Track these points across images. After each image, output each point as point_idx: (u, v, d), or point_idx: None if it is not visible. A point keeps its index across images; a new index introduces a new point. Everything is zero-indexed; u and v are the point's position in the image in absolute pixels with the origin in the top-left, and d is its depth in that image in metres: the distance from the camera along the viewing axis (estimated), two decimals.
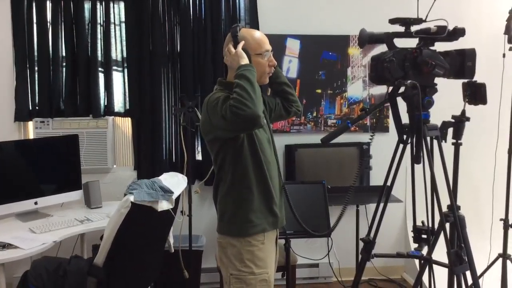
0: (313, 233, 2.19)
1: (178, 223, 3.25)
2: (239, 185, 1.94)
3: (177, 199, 2.71)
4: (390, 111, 2.04)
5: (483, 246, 3.39)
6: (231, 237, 1.97)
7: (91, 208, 3.28)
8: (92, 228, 2.94)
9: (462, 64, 1.97)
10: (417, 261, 3.21)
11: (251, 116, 1.76)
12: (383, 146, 1.86)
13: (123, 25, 3.55)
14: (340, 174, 3.71)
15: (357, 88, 3.84)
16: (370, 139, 1.94)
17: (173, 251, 3.03)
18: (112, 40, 3.53)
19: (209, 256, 3.54)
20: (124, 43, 3.55)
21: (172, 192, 2.52)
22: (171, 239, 2.95)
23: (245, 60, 1.88)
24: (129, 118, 3.66)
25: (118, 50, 3.56)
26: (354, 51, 3.81)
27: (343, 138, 2.07)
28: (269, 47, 2.00)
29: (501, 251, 3.29)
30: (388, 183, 2.14)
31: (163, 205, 2.44)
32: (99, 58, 3.53)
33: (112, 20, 3.52)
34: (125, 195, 2.40)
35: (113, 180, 3.64)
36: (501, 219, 3.30)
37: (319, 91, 3.82)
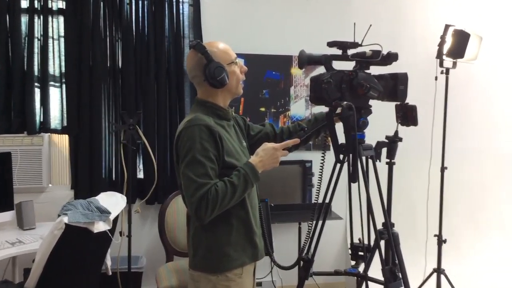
0: (279, 265, 2.08)
1: (117, 244, 3.15)
2: (215, 218, 1.72)
3: (115, 219, 2.64)
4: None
5: (419, 261, 3.52)
6: (206, 273, 1.80)
7: (23, 230, 3.13)
8: (24, 250, 2.79)
9: (395, 87, 2.05)
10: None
11: (201, 219, 1.68)
12: (325, 163, 1.91)
13: (62, 39, 3.45)
14: (283, 192, 3.75)
15: (300, 107, 3.92)
16: (322, 157, 1.95)
17: (110, 273, 2.93)
18: (50, 54, 3.42)
19: (149, 277, 3.45)
20: (62, 58, 3.45)
21: (109, 213, 2.45)
22: (108, 262, 2.85)
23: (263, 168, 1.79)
24: (67, 135, 3.54)
25: (56, 65, 3.45)
26: (297, 71, 3.88)
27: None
28: (235, 54, 1.89)
29: (435, 266, 3.43)
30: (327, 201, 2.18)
31: (100, 226, 2.38)
32: (36, 73, 3.41)
33: (50, 34, 3.42)
34: (59, 216, 2.32)
35: (49, 200, 3.50)
36: (435, 235, 3.44)
37: (263, 109, 3.86)
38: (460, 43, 3.34)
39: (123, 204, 2.77)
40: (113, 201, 2.62)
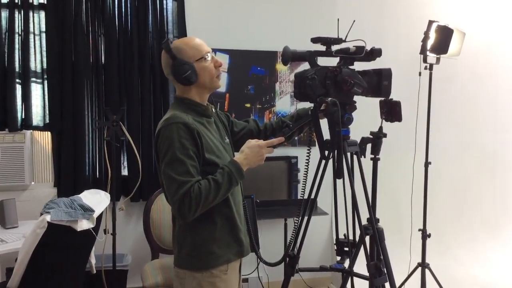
0: (265, 262, 2.07)
1: (101, 242, 3.13)
2: (199, 216, 1.71)
3: (99, 217, 2.61)
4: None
5: (404, 256, 3.54)
6: (191, 271, 1.79)
7: (6, 228, 3.09)
8: (6, 249, 2.75)
9: (379, 83, 2.05)
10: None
11: (185, 217, 1.68)
12: (310, 159, 1.92)
13: (43, 34, 3.39)
14: (269, 188, 3.75)
15: (285, 102, 3.92)
16: (308, 153, 1.95)
17: (94, 272, 2.90)
18: (32, 50, 3.37)
19: (134, 275, 3.43)
20: (44, 53, 3.39)
21: (92, 211, 2.42)
22: (92, 260, 2.83)
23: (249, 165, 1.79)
24: (49, 132, 3.49)
25: (37, 61, 3.39)
26: (282, 66, 3.88)
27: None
28: (208, 49, 1.84)
29: (420, 260, 3.46)
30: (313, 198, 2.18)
31: (83, 225, 2.35)
32: (17, 69, 3.35)
33: (31, 29, 3.36)
34: (41, 214, 2.29)
35: (31, 197, 3.45)
36: (419, 230, 3.47)
37: (248, 105, 3.85)
38: (443, 39, 3.37)
39: (107, 201, 2.75)
40: (96, 199, 2.59)
